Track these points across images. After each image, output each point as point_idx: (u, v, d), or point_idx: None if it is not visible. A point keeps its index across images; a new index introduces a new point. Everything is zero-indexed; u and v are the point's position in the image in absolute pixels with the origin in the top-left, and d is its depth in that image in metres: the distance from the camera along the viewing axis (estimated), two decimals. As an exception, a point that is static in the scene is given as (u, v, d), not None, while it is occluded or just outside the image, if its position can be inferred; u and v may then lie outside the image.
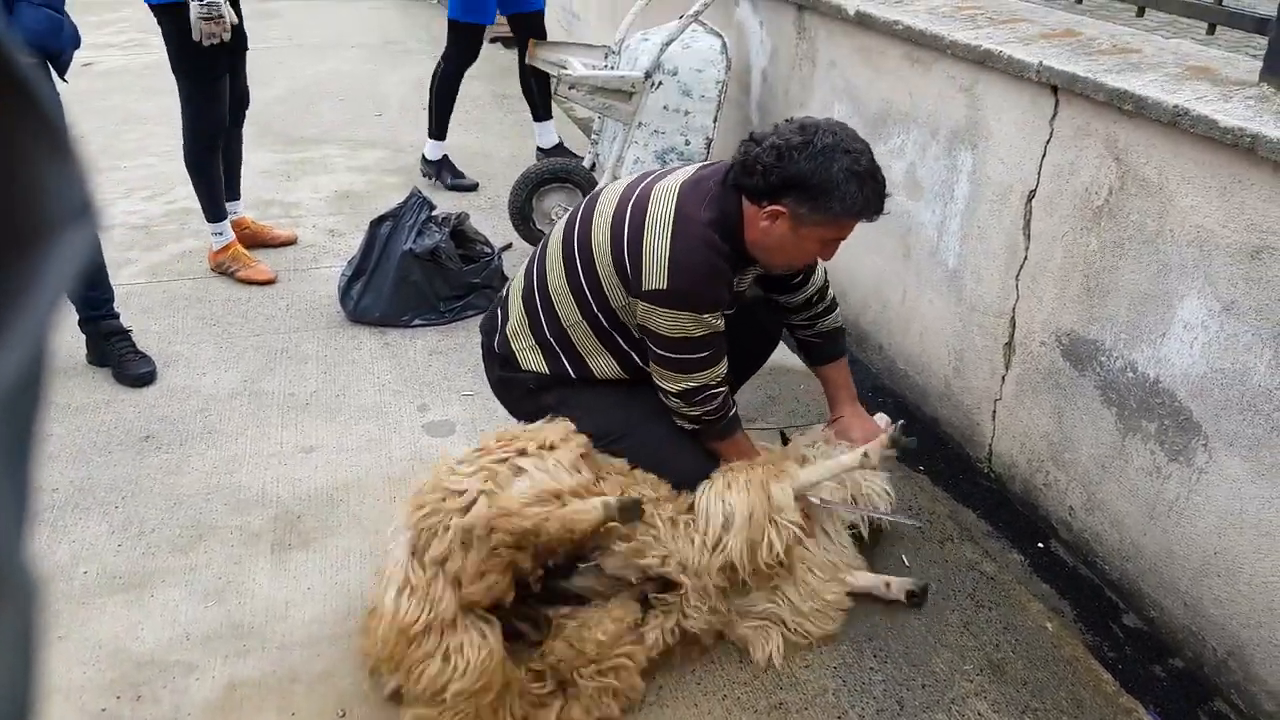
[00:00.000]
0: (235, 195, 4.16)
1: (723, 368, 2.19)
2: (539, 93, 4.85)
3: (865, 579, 2.32)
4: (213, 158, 3.83)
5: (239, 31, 3.78)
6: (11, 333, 0.29)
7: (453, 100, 4.81)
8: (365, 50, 7.95)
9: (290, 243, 4.29)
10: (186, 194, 4.85)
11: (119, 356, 3.22)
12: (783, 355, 3.08)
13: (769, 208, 2.03)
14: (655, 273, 2.05)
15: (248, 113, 4.04)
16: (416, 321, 3.62)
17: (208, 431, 2.98)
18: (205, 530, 2.56)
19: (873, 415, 2.62)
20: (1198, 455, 2.08)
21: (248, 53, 3.94)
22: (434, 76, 4.82)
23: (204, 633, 2.23)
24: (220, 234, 4.02)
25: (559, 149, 4.98)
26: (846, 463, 2.26)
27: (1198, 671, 2.18)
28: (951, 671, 2.17)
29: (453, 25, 4.69)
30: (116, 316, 3.29)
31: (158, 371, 3.26)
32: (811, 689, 2.12)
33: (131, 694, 2.07)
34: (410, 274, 3.57)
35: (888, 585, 2.31)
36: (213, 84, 3.65)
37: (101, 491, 2.69)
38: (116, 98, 6.60)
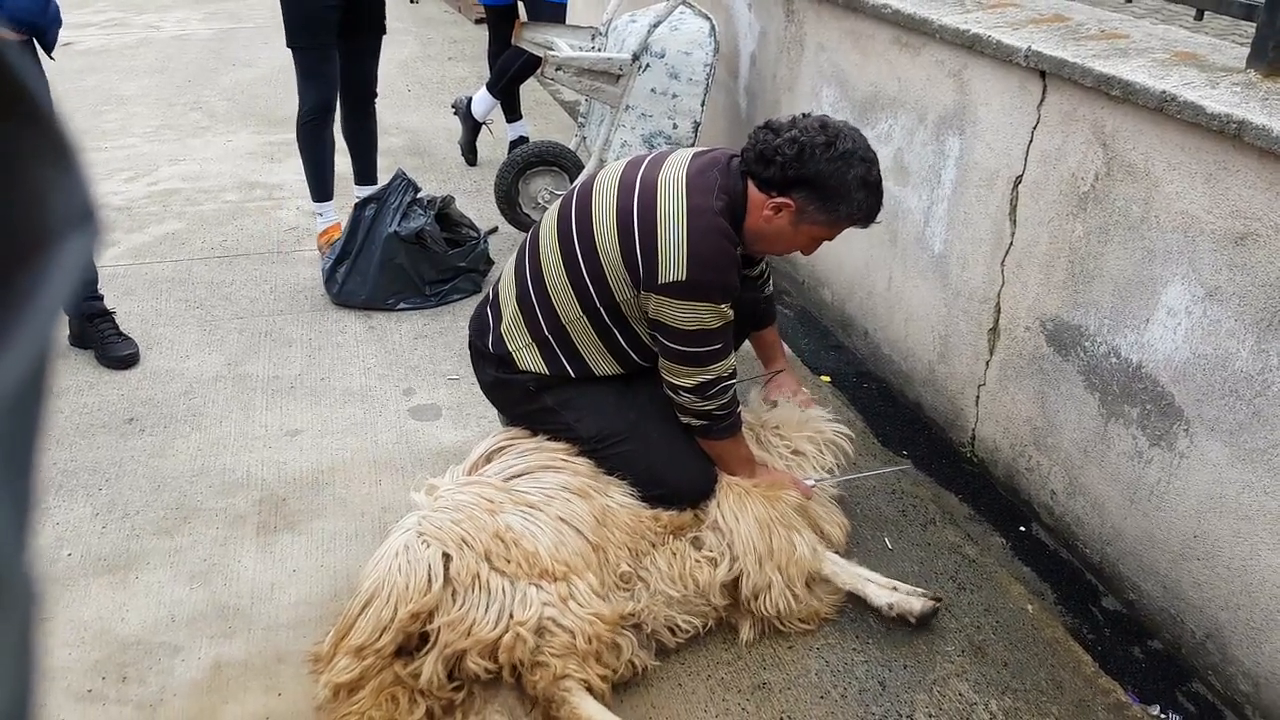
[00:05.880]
0: (367, 181, 4.04)
1: (733, 360, 2.18)
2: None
3: (871, 590, 2.28)
4: (315, 135, 3.70)
5: (370, 19, 3.68)
6: (15, 339, 0.29)
7: (511, 82, 4.72)
8: (350, 31, 7.86)
9: None
10: (169, 174, 4.82)
11: (101, 338, 3.19)
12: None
13: (777, 199, 2.04)
14: (673, 265, 2.01)
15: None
16: (401, 305, 3.61)
17: (191, 414, 2.97)
18: (190, 513, 2.55)
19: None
20: (1179, 440, 2.10)
21: (381, 39, 3.83)
22: None
23: (189, 614, 2.23)
24: (320, 215, 3.93)
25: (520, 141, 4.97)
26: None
27: (1176, 653, 2.21)
28: (933, 653, 2.19)
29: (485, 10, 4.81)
30: (99, 298, 3.26)
31: (140, 354, 3.24)
32: (794, 669, 2.14)
33: (117, 675, 2.07)
34: (395, 257, 3.55)
35: (890, 607, 2.23)
36: (314, 62, 3.56)
37: (85, 474, 2.68)
38: (96, 78, 6.53)
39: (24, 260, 0.30)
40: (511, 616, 1.86)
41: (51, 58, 2.75)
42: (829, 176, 2.00)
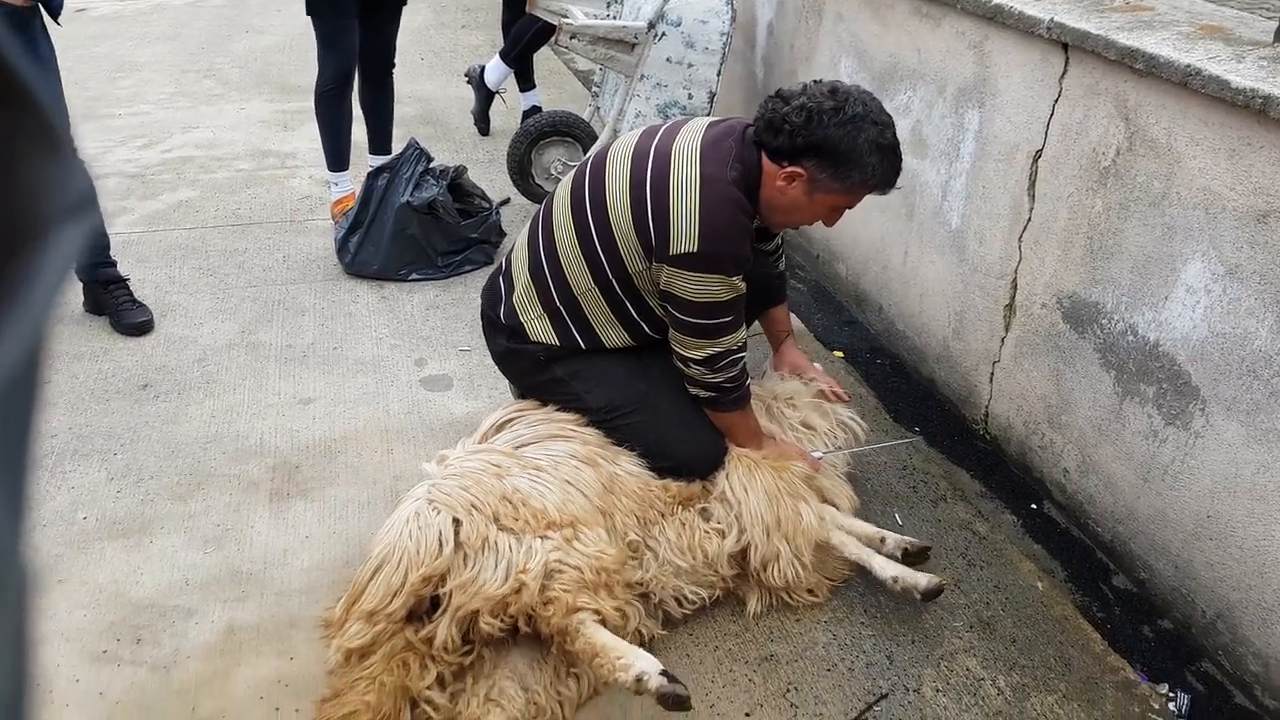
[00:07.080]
0: (382, 150, 4.01)
1: (744, 332, 2.17)
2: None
3: (877, 563, 2.24)
4: (332, 104, 3.69)
5: None
6: (9, 328, 0.29)
7: (525, 51, 4.66)
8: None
9: None
10: (182, 142, 4.82)
11: (116, 305, 3.21)
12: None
13: (789, 168, 2.01)
14: (686, 236, 1.99)
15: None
16: (414, 275, 3.60)
17: (205, 381, 2.98)
18: (204, 478, 2.57)
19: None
20: (1195, 419, 2.09)
21: (402, 7, 3.78)
22: None
23: (203, 578, 2.25)
24: (335, 184, 3.92)
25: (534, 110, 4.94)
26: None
27: (1185, 633, 2.20)
28: (941, 628, 2.19)
29: None
30: (114, 264, 3.27)
31: (155, 321, 3.25)
32: (802, 641, 2.15)
33: (131, 637, 2.09)
34: (407, 227, 3.54)
35: (895, 580, 2.18)
36: (334, 31, 3.53)
37: (100, 439, 2.70)
38: (110, 44, 6.52)
39: (18, 249, 0.30)
40: (519, 569, 1.88)
41: (58, 24, 2.74)
42: (839, 142, 1.96)
